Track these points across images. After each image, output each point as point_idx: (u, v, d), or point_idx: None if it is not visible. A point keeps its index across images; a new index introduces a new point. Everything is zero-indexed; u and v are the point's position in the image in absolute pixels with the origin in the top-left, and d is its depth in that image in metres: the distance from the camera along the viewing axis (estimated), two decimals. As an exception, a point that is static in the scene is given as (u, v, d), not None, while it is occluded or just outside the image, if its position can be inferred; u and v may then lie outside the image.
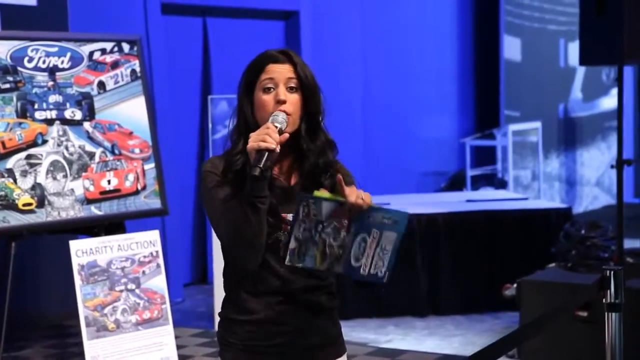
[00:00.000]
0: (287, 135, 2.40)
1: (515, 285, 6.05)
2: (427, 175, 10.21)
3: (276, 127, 2.37)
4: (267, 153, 2.32)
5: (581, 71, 11.26)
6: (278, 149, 2.35)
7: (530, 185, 10.75)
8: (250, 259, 2.40)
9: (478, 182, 10.23)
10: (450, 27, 10.58)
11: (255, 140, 2.33)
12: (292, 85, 2.46)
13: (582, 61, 5.90)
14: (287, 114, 2.43)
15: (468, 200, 8.01)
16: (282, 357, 2.50)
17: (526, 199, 8.44)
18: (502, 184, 10.11)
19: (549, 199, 10.57)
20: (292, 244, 2.33)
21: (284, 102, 2.43)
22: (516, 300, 6.01)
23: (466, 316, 6.99)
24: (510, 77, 10.57)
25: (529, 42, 10.77)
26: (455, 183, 10.23)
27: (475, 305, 7.10)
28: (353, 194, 2.31)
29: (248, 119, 2.48)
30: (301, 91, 2.47)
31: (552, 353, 5.71)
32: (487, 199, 8.19)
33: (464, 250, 7.14)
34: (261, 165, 2.31)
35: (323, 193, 2.34)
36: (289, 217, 2.45)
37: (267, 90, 2.45)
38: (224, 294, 2.58)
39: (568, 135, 11.40)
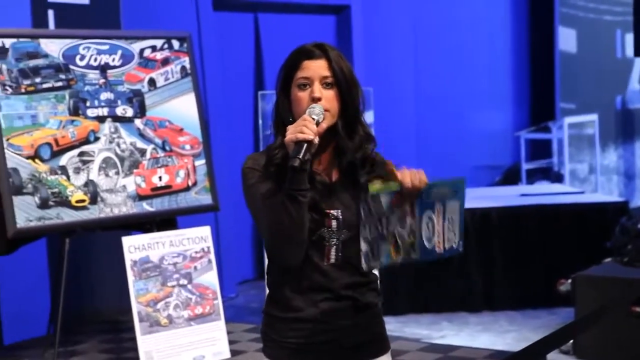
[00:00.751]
0: (324, 126, 2.39)
1: (570, 280, 5.97)
2: (481, 169, 10.12)
3: (313, 119, 2.36)
4: (305, 144, 2.31)
5: (639, 62, 11.07)
6: (316, 140, 2.34)
7: (588, 179, 10.60)
8: (292, 253, 2.40)
9: (533, 176, 10.11)
10: (505, 19, 10.47)
11: (292, 132, 2.33)
12: (328, 81, 2.44)
13: (638, 52, 5.79)
14: (324, 110, 2.41)
15: (522, 195, 7.92)
16: (326, 354, 2.49)
17: (582, 192, 8.32)
18: (558, 178, 9.98)
19: (606, 193, 10.41)
20: (364, 247, 2.31)
21: (319, 99, 2.41)
22: (571, 295, 5.93)
23: (520, 312, 6.91)
24: (565, 69, 10.43)
25: (584, 33, 10.61)
26: (510, 177, 10.13)
27: (529, 301, 7.02)
28: (407, 177, 2.29)
29: (285, 114, 2.48)
30: (337, 86, 2.45)
31: (608, 349, 5.62)
32: (542, 192, 8.09)
33: (518, 245, 7.06)
34: (300, 156, 2.30)
35: (376, 186, 2.31)
36: (332, 212, 2.44)
37: (302, 87, 2.44)
38: (270, 290, 2.58)
39: (626, 128, 11.21)
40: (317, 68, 2.43)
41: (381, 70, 8.79)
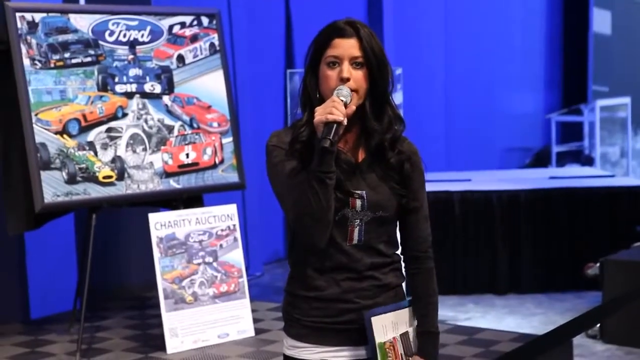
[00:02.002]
0: (353, 107, 2.38)
1: (598, 264, 5.93)
2: (512, 151, 10.06)
3: (341, 100, 2.34)
4: (335, 125, 2.30)
5: (674, 45, 10.94)
6: (345, 122, 2.32)
7: (619, 162, 10.50)
8: (318, 233, 2.38)
9: (564, 159, 10.04)
10: (539, 0, 10.37)
11: (322, 113, 2.31)
12: (358, 61, 2.41)
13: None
14: (352, 90, 2.39)
15: (551, 177, 7.86)
16: (347, 334, 2.48)
17: (613, 176, 8.24)
18: (588, 161, 9.90)
19: (638, 177, 10.31)
20: None
21: (347, 79, 2.39)
22: (599, 279, 5.89)
23: (547, 295, 6.88)
24: (599, 52, 10.33)
25: (619, 15, 10.50)
26: (540, 159, 10.06)
27: (556, 284, 6.98)
28: None
29: (311, 92, 2.46)
30: (367, 66, 2.42)
31: (636, 334, 5.58)
32: (571, 175, 8.03)
33: (545, 228, 7.02)
34: (330, 137, 2.28)
35: None
36: (357, 192, 2.42)
37: (331, 65, 2.42)
38: (295, 269, 2.57)
39: (659, 111, 11.09)
40: (347, 47, 2.40)
41: (411, 50, 8.73)
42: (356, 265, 2.45)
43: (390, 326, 2.48)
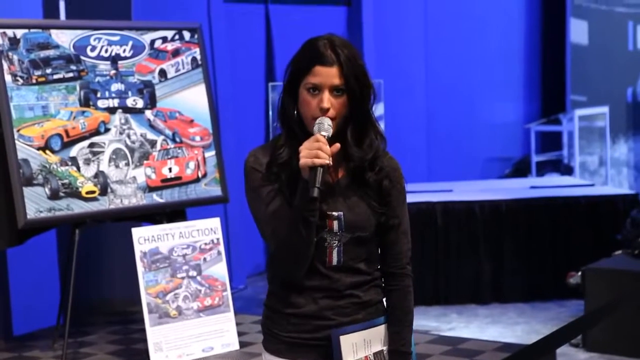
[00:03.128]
0: (338, 146, 2.34)
1: (579, 273, 5.97)
2: (492, 161, 10.11)
3: (323, 135, 2.32)
4: (321, 169, 2.27)
5: (651, 54, 11.03)
6: (330, 162, 2.30)
7: (598, 171, 10.57)
8: (299, 269, 2.39)
9: (543, 168, 10.09)
10: (517, 10, 10.44)
11: (308, 155, 2.28)
12: (339, 88, 2.37)
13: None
14: (332, 119, 2.37)
15: (532, 187, 7.91)
16: (324, 349, 2.47)
17: (592, 185, 8.31)
18: (568, 170, 9.96)
19: (616, 185, 10.38)
20: None
21: (327, 110, 2.36)
22: (581, 288, 5.93)
23: (530, 304, 6.91)
24: (576, 61, 10.40)
25: (596, 25, 10.58)
26: (520, 169, 10.11)
27: (539, 293, 7.02)
28: None
29: (289, 111, 2.43)
30: (347, 92, 2.38)
31: (618, 342, 5.62)
32: (552, 185, 8.08)
33: (527, 237, 7.06)
34: (318, 185, 2.26)
35: None
36: (334, 214, 2.41)
37: (311, 91, 2.37)
38: (278, 283, 2.58)
39: (637, 120, 11.17)
40: (328, 76, 2.35)
41: (392, 62, 8.77)
42: (335, 285, 2.45)
43: (362, 344, 2.46)
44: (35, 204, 4.93)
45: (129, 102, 5.34)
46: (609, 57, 10.70)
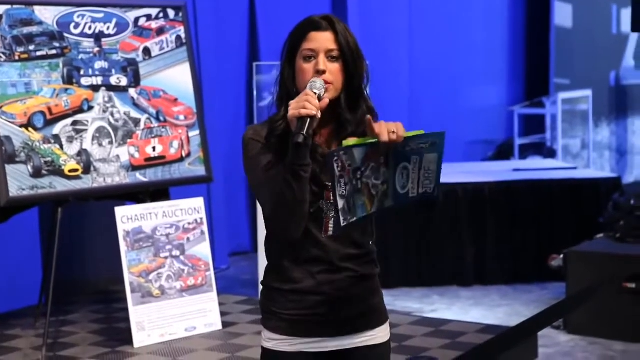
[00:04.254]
0: (327, 101, 2.38)
1: (561, 255, 5.99)
2: (475, 144, 10.12)
3: (315, 93, 2.35)
4: (308, 120, 2.30)
5: (634, 38, 11.04)
6: (319, 115, 2.33)
7: (580, 155, 10.60)
8: (293, 227, 2.39)
9: (526, 151, 10.11)
10: (501, -7, 10.44)
11: (295, 107, 2.32)
12: (333, 54, 2.44)
13: (635, 27, 5.76)
14: (327, 83, 2.41)
15: (515, 170, 7.92)
16: (324, 326, 2.49)
17: (575, 168, 8.33)
18: (551, 153, 9.99)
19: (598, 169, 10.42)
20: (340, 204, 2.26)
21: (323, 72, 2.41)
22: (562, 271, 5.95)
23: (512, 286, 6.94)
24: (560, 44, 10.41)
25: (580, 8, 10.58)
26: (503, 152, 10.12)
27: (521, 276, 7.04)
28: (384, 131, 2.26)
29: (289, 85, 2.47)
30: (342, 60, 2.45)
31: (599, 324, 5.65)
32: (535, 168, 8.10)
33: (510, 219, 7.07)
34: (304, 132, 2.28)
35: (351, 140, 2.27)
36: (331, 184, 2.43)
37: (307, 59, 2.44)
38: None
39: (619, 104, 11.21)
40: (323, 40, 2.43)
41: (376, 45, 8.74)
42: (331, 257, 2.47)
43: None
44: (18, 181, 4.90)
45: (113, 80, 5.31)
46: (593, 41, 10.72)
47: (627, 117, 11.27)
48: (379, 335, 2.57)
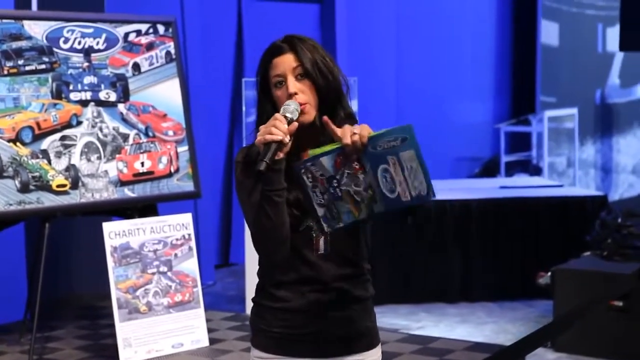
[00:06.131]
0: (296, 124, 2.32)
1: (549, 273, 6.00)
2: (461, 161, 10.14)
3: (286, 117, 2.32)
4: (274, 145, 2.26)
5: (619, 57, 11.12)
6: (287, 140, 2.28)
7: (566, 172, 10.65)
8: (275, 251, 2.38)
9: (512, 169, 10.15)
10: (488, 11, 10.48)
11: (262, 133, 2.29)
12: (299, 72, 2.40)
13: (622, 47, 5.81)
14: (302, 104, 2.38)
15: (502, 187, 7.94)
16: (313, 346, 2.46)
17: (561, 186, 8.36)
18: (536, 171, 10.02)
19: (584, 186, 10.47)
20: (320, 212, 2.24)
21: (295, 94, 2.38)
22: (550, 288, 5.96)
23: (498, 304, 6.94)
24: (547, 63, 10.46)
25: (566, 26, 10.65)
26: (489, 169, 10.15)
27: (507, 293, 7.04)
28: (346, 134, 2.22)
29: (268, 115, 2.41)
30: (309, 77, 2.40)
31: (586, 342, 5.66)
32: (521, 185, 8.12)
33: (496, 237, 7.08)
34: (267, 160, 2.24)
35: (317, 150, 2.25)
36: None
37: (278, 85, 2.41)
38: (255, 277, 2.57)
39: (604, 122, 11.27)
40: (285, 63, 2.40)
41: (363, 60, 8.77)
42: (322, 276, 2.44)
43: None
44: (5, 196, 4.88)
45: (102, 95, 5.29)
46: (579, 59, 10.78)
47: (612, 135, 11.34)
48: (370, 358, 2.53)
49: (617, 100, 11.37)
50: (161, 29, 5.53)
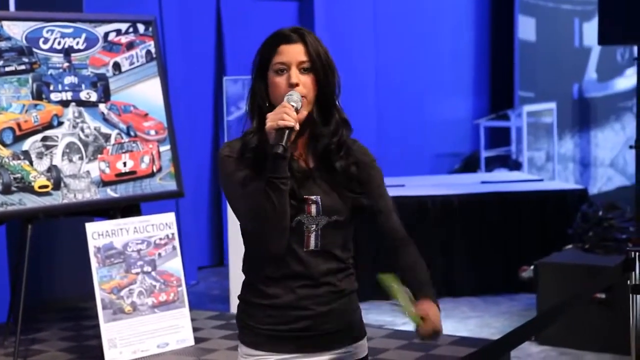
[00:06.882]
0: (305, 113, 2.38)
1: (532, 267, 6.02)
2: (441, 157, 10.16)
3: (292, 106, 2.35)
4: (287, 131, 2.30)
5: (596, 51, 11.17)
6: (297, 127, 2.33)
7: (545, 167, 10.69)
8: (275, 242, 2.38)
9: (492, 164, 10.18)
10: (466, 7, 10.50)
11: (273, 119, 2.31)
12: (305, 66, 2.42)
13: (601, 41, 5.84)
14: (301, 96, 2.40)
15: (483, 182, 7.97)
16: (303, 341, 2.47)
17: (541, 180, 8.39)
18: (516, 166, 10.06)
19: (563, 180, 10.51)
20: None
21: (296, 85, 2.39)
22: (533, 282, 5.99)
23: (481, 298, 6.97)
24: (524, 58, 10.50)
25: (543, 22, 10.69)
26: (469, 164, 10.18)
27: (490, 287, 7.07)
28: (429, 325, 2.49)
29: (262, 99, 2.46)
30: (313, 72, 2.43)
31: (570, 335, 5.68)
32: (503, 180, 8.15)
33: (479, 231, 7.11)
34: (283, 143, 2.29)
35: (401, 303, 2.49)
36: (312, 198, 2.43)
37: (279, 72, 2.42)
38: (240, 276, 2.56)
39: (582, 116, 11.32)
40: (294, 53, 2.41)
41: (342, 57, 8.75)
42: (312, 272, 2.45)
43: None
44: (-13, 198, 4.85)
45: (83, 95, 5.27)
46: (556, 54, 10.82)
47: (590, 130, 11.39)
48: (358, 350, 2.57)
49: (594, 95, 11.42)
50: (141, 28, 5.51)
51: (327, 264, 2.47)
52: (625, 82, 11.63)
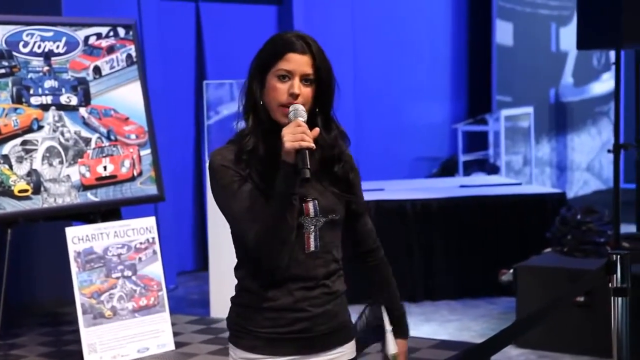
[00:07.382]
0: (317, 130, 2.37)
1: (511, 270, 6.05)
2: (419, 161, 10.19)
3: (301, 120, 2.36)
4: (307, 152, 2.30)
5: (572, 56, 11.25)
6: (314, 146, 2.34)
7: (522, 171, 10.74)
8: (283, 255, 2.40)
9: (470, 168, 10.21)
10: (444, 12, 10.54)
11: (293, 139, 2.30)
12: (308, 78, 2.43)
13: (580, 45, 5.88)
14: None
15: (462, 186, 8.00)
16: (301, 343, 2.49)
17: (519, 184, 8.44)
18: (494, 170, 10.10)
19: (540, 184, 10.57)
20: None
21: (297, 96, 2.40)
22: (512, 285, 6.01)
23: (461, 302, 6.99)
24: (502, 62, 10.55)
25: (520, 26, 10.75)
26: (447, 169, 10.21)
27: (469, 291, 7.10)
28: None
29: (257, 99, 2.46)
30: (315, 84, 2.44)
31: (549, 338, 5.71)
32: (481, 184, 8.18)
33: (458, 235, 7.13)
34: (308, 166, 2.29)
35: None
36: (310, 198, 2.45)
37: (282, 78, 2.42)
38: (221, 280, 2.57)
39: (559, 120, 11.40)
40: (301, 63, 2.41)
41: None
42: (310, 274, 2.47)
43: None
44: (-34, 203, 4.82)
45: (63, 99, 5.25)
46: (533, 58, 10.89)
47: (566, 134, 11.47)
48: (347, 351, 2.59)
49: (571, 99, 11.50)
50: (121, 31, 5.50)
51: (324, 265, 2.50)
52: (601, 86, 11.72)
